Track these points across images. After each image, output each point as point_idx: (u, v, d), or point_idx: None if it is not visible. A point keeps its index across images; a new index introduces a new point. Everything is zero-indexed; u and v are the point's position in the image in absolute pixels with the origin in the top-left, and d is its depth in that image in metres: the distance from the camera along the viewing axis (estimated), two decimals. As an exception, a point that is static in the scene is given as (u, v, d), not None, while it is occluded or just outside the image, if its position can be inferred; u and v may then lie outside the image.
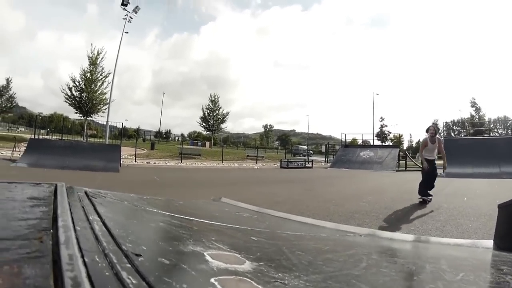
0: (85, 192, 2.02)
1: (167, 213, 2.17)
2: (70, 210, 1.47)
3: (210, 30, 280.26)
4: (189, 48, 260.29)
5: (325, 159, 46.89)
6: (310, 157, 46.65)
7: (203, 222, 2.14)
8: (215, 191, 11.36)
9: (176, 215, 2.12)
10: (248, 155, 41.35)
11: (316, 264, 1.38)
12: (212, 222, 2.12)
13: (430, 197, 10.01)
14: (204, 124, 76.93)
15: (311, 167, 32.95)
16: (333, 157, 41.73)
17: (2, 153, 23.06)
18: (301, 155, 61.94)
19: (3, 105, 73.96)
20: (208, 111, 76.60)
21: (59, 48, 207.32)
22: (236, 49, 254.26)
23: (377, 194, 12.40)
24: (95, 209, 1.65)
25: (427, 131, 9.95)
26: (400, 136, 71.32)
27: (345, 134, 44.99)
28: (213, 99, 77.52)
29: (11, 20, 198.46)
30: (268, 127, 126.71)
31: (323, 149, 73.38)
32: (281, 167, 31.43)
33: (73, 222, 1.25)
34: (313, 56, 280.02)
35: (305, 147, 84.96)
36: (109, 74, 42.14)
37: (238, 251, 1.31)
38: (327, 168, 33.44)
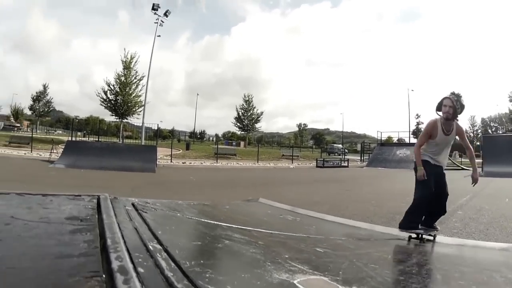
0: (133, 205, 1.94)
1: (224, 224, 2.09)
2: (123, 237, 1.31)
3: (241, 31, 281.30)
4: (221, 49, 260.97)
5: (361, 158, 45.92)
6: (345, 156, 45.96)
7: (261, 232, 2.06)
8: (253, 192, 11.33)
9: (234, 226, 2.06)
10: (283, 155, 40.66)
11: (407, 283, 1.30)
12: (270, 231, 2.04)
13: (434, 232, 4.89)
14: (238, 124, 77.01)
15: (347, 166, 32.57)
16: (369, 155, 41.35)
17: (40, 155, 23.63)
18: (336, 154, 61.17)
19: (41, 110, 77.62)
20: (242, 111, 76.49)
21: (93, 54, 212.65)
22: (267, 49, 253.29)
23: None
24: (151, 231, 1.52)
25: (439, 108, 4.96)
26: (435, 132, 69.32)
27: (381, 133, 44.22)
28: (247, 99, 77.37)
29: (45, 29, 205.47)
30: (302, 126, 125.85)
31: (358, 147, 72.46)
32: (317, 166, 31.13)
33: (132, 261, 1.03)
34: (345, 53, 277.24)
35: (340, 145, 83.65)
36: (143, 77, 42.92)
37: (321, 272, 1.24)
38: (363, 167, 32.91)
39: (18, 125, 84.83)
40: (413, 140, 56.15)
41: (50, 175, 14.38)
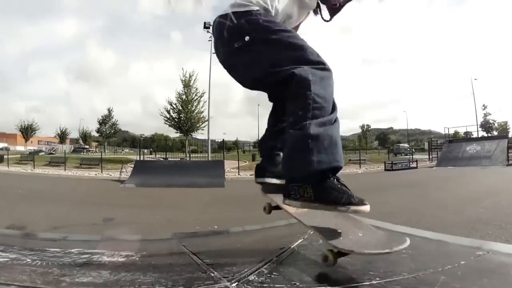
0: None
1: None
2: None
3: None
4: None
5: (429, 156, 43.70)
6: (413, 156, 44.58)
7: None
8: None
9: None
10: (350, 159, 39.35)
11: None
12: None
13: None
14: None
15: (416, 167, 31.67)
16: (437, 154, 39.71)
17: (110, 175, 24.66)
18: (402, 154, 59.34)
19: (108, 131, 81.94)
20: None
21: (152, 75, 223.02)
22: (322, 52, 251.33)
23: (492, 197, 11.61)
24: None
25: None
26: (506, 123, 65.46)
27: (448, 128, 42.83)
28: None
29: (104, 58, 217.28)
30: (365, 127, 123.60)
31: (425, 145, 70.47)
32: (385, 169, 30.38)
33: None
34: (400, 47, 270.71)
35: (406, 145, 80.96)
36: (203, 93, 44.00)
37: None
38: (432, 168, 31.80)
39: (87, 146, 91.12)
40: (482, 134, 53.84)
41: (122, 196, 14.95)
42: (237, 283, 1.75)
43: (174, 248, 4.10)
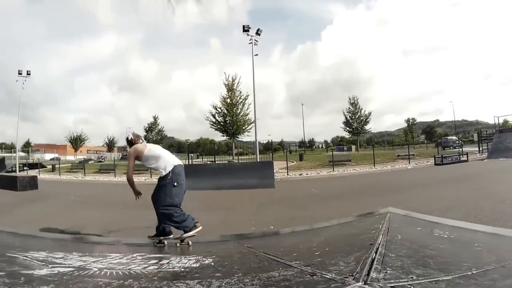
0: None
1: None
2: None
3: (331, 34, 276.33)
4: (315, 55, 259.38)
5: (479, 148, 41.38)
6: (462, 149, 43.12)
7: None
8: (378, 200, 11.29)
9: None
10: (398, 155, 38.33)
11: None
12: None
13: None
14: (348, 128, 76.15)
15: (466, 161, 30.62)
16: (487, 145, 38.18)
17: None
18: (451, 148, 57.61)
19: (155, 138, 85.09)
20: (350, 115, 75.53)
21: (194, 82, 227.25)
22: (361, 46, 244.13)
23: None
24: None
25: None
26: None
27: (498, 117, 41.10)
28: (353, 101, 76.12)
29: (146, 68, 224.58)
30: (411, 120, 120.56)
31: (473, 137, 68.48)
32: (435, 164, 29.45)
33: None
34: (438, 36, 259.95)
35: (455, 137, 78.38)
36: (248, 96, 44.68)
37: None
38: (483, 160, 30.69)
39: None
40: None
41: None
42: (362, 282, 1.88)
43: (242, 249, 4.32)
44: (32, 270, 3.20)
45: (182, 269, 3.32)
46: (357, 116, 75.05)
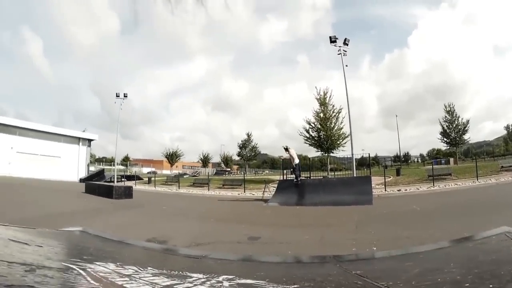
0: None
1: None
2: None
3: (417, 39, 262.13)
4: (404, 64, 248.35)
5: None
6: None
7: None
8: (486, 218, 10.16)
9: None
10: (502, 166, 33.65)
11: None
12: None
13: None
14: (445, 139, 70.79)
15: None
16: None
17: (253, 194, 25.56)
18: None
19: (248, 154, 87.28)
20: (447, 124, 69.90)
21: (285, 99, 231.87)
22: (450, 48, 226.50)
23: None
24: None
25: None
26: None
27: None
28: (449, 109, 70.35)
29: (237, 88, 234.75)
30: (511, 127, 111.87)
31: None
32: (547, 175, 26.34)
33: None
34: None
35: None
36: (341, 109, 44.18)
37: None
38: None
39: (229, 169, 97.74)
40: None
41: (266, 214, 15.05)
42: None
43: (350, 277, 3.76)
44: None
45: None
46: (454, 125, 69.47)
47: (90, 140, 59.96)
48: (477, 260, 3.91)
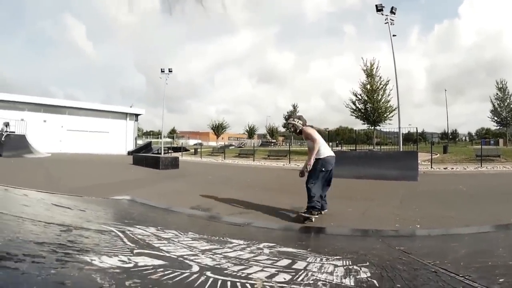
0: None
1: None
2: None
3: (468, 8, 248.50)
4: (454, 35, 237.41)
5: None
6: None
7: None
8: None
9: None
10: None
11: None
12: None
13: None
14: (495, 118, 66.04)
15: None
16: None
17: (298, 165, 25.58)
18: None
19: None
20: (498, 102, 65.19)
21: (331, 71, 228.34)
22: (503, 19, 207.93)
23: None
24: None
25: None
26: None
27: None
28: (501, 86, 64.96)
29: (282, 60, 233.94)
30: None
31: None
32: None
33: None
34: None
35: None
36: (388, 81, 43.44)
37: None
38: None
39: (274, 140, 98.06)
40: None
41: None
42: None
43: (394, 252, 3.74)
44: (107, 257, 2.32)
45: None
46: (506, 104, 64.49)
47: (137, 115, 62.03)
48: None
